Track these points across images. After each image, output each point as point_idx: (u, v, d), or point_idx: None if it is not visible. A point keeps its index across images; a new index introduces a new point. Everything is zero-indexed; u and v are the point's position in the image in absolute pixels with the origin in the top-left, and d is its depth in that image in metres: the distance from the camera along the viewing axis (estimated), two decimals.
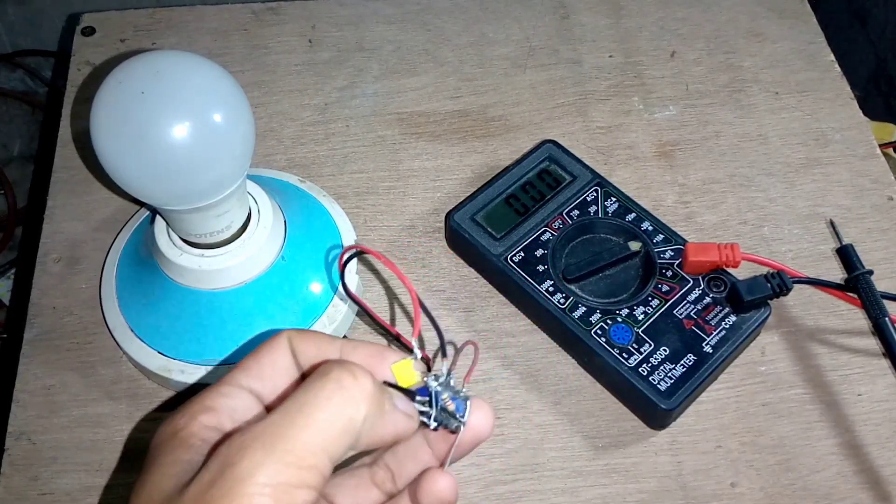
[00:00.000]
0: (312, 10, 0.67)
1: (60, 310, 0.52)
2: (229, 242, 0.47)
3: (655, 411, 0.46)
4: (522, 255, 0.51)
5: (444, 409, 0.30)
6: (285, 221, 0.49)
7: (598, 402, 0.49)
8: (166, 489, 0.26)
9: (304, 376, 0.33)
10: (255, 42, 0.65)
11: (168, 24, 0.66)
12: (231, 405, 0.29)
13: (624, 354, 0.47)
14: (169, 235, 0.47)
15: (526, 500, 0.46)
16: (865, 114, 0.63)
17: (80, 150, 0.59)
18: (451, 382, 0.31)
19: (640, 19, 0.67)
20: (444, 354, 0.31)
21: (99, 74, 0.63)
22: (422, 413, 0.30)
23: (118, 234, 0.54)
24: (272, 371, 0.30)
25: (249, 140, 0.42)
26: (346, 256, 0.34)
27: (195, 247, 0.47)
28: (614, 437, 0.48)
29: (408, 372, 0.31)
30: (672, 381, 0.46)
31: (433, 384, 0.30)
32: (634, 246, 0.51)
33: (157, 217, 0.48)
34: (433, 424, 0.30)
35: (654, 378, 0.46)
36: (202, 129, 0.39)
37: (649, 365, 0.46)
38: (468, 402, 0.31)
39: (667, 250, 0.51)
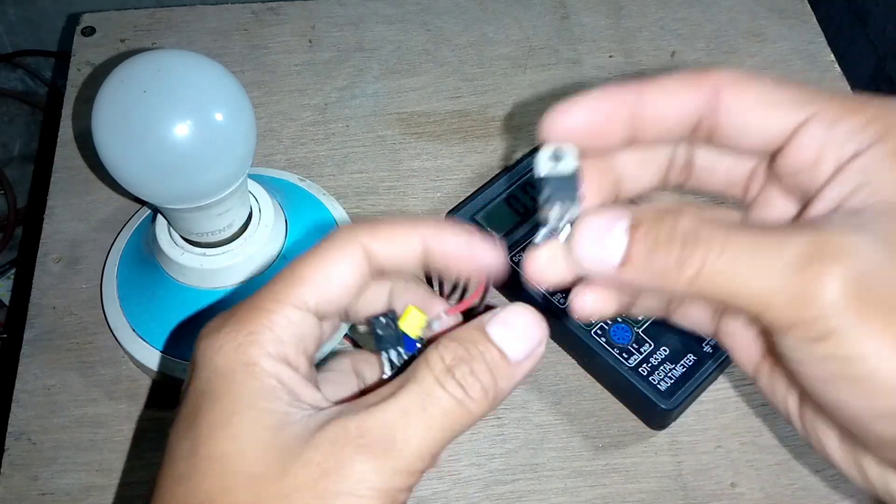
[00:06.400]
0: (312, 10, 0.67)
1: (60, 310, 0.52)
2: (231, 241, 0.47)
3: (655, 411, 0.46)
4: (522, 255, 0.51)
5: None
6: (286, 220, 0.49)
7: (598, 402, 0.49)
8: (262, 443, 0.24)
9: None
10: (255, 42, 0.65)
11: (168, 24, 0.66)
12: (297, 334, 0.26)
13: (624, 354, 0.47)
14: (170, 234, 0.47)
15: (526, 500, 0.46)
16: None
17: (80, 150, 0.59)
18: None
19: (640, 19, 0.67)
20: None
21: (99, 74, 0.63)
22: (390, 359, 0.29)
23: (118, 234, 0.54)
24: (339, 292, 0.27)
25: (251, 139, 0.42)
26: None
27: (197, 245, 0.47)
28: (614, 437, 0.48)
29: (416, 321, 0.30)
30: (672, 381, 0.46)
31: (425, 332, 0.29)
32: None
33: (159, 216, 0.48)
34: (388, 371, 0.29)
35: (654, 378, 0.46)
36: (204, 127, 0.39)
37: (649, 365, 0.46)
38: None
39: None
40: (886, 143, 0.24)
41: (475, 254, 0.28)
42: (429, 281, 0.49)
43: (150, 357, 0.48)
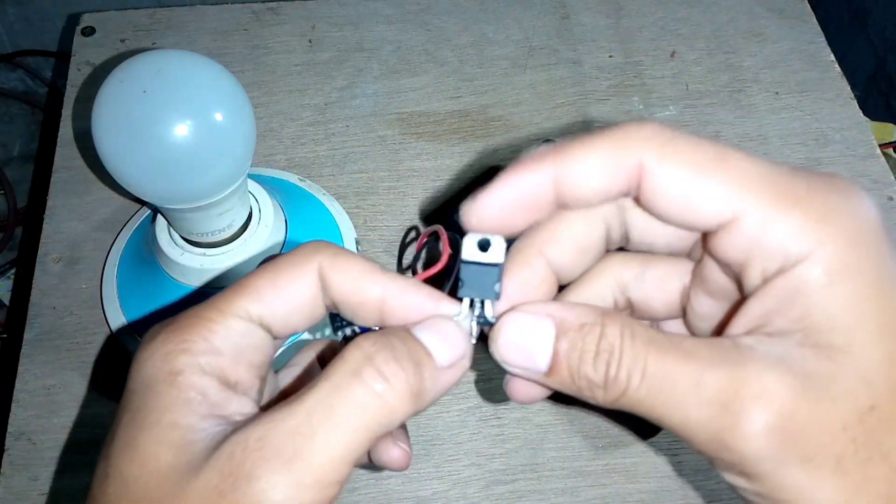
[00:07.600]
0: (312, 10, 0.67)
1: (60, 310, 0.52)
2: (231, 241, 0.47)
3: None
4: None
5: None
6: (286, 220, 0.49)
7: None
8: (163, 464, 0.23)
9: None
10: (255, 42, 0.65)
11: (168, 24, 0.66)
12: (238, 344, 0.25)
13: None
14: (170, 234, 0.47)
15: (526, 500, 0.46)
16: (865, 114, 0.63)
17: (80, 150, 0.59)
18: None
19: (640, 19, 0.67)
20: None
21: (99, 74, 0.63)
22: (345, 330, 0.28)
23: (118, 234, 0.54)
24: (287, 307, 0.25)
25: (250, 139, 0.42)
26: (425, 240, 0.32)
27: (197, 246, 0.47)
28: (614, 437, 0.48)
29: None
30: None
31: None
32: None
33: (159, 216, 0.48)
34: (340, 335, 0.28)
35: None
36: (203, 127, 0.39)
37: None
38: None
39: None
40: (822, 258, 0.22)
41: (440, 313, 0.26)
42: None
43: None
